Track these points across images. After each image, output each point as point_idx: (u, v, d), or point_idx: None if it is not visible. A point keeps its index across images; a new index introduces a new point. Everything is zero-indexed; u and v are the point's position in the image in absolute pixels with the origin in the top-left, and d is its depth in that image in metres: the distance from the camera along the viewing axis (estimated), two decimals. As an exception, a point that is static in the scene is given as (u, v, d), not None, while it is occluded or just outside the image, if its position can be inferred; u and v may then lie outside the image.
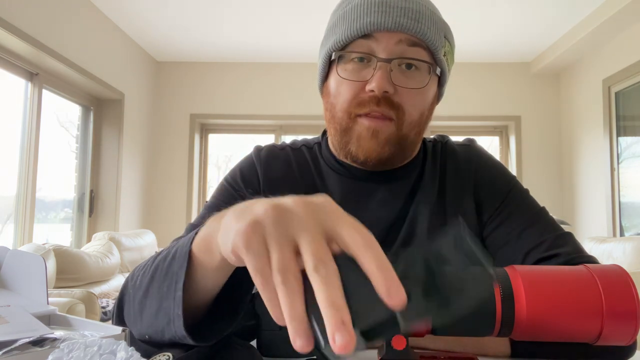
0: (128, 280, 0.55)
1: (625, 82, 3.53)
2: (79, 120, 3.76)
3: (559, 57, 4.03)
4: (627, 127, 3.64)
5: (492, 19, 3.61)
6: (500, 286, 0.42)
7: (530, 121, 4.51)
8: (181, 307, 0.42)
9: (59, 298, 1.72)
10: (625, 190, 3.59)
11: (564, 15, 3.52)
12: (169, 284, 0.44)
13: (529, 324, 0.41)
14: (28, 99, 3.00)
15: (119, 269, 3.19)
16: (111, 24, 3.71)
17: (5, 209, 2.95)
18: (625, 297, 0.41)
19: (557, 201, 4.43)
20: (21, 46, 2.72)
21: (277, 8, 3.46)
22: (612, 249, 2.97)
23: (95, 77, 3.45)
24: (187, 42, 4.15)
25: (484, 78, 4.53)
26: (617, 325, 0.41)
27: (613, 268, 0.43)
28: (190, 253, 0.42)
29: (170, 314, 0.43)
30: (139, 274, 0.52)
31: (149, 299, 0.48)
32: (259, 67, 4.56)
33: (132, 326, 0.52)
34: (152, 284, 0.47)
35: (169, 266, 0.45)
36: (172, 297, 0.43)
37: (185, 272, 0.42)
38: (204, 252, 0.41)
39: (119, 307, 0.56)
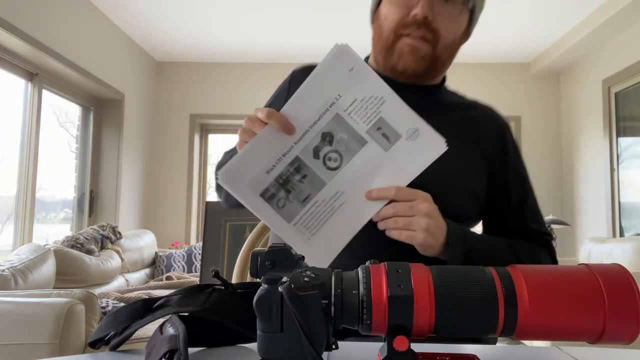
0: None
1: (625, 83, 3.53)
2: (79, 121, 3.76)
3: (559, 57, 4.03)
4: (627, 128, 3.64)
5: (492, 19, 3.61)
6: (503, 286, 0.42)
7: (530, 121, 4.51)
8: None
9: (58, 298, 1.72)
10: (625, 191, 3.59)
11: (564, 15, 3.52)
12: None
13: (531, 324, 0.41)
14: (28, 99, 3.00)
15: (120, 271, 3.19)
16: (111, 24, 3.71)
17: (5, 209, 2.95)
18: (627, 296, 0.41)
19: (557, 201, 4.43)
20: (21, 46, 2.72)
21: (277, 8, 3.46)
22: (612, 249, 2.97)
23: (95, 77, 3.45)
24: (187, 42, 4.15)
25: (484, 78, 4.53)
26: (619, 324, 0.40)
27: (615, 267, 0.43)
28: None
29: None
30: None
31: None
32: (259, 67, 4.56)
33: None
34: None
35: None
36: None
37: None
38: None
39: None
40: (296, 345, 0.40)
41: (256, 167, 0.65)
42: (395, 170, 0.66)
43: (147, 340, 0.52)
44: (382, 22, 0.81)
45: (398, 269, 0.43)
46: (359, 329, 0.43)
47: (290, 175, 0.66)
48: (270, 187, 0.65)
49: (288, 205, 0.65)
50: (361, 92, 0.66)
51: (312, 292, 0.41)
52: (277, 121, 0.65)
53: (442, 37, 0.79)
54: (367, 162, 0.66)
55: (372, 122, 0.66)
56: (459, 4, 0.79)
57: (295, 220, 0.65)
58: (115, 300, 2.50)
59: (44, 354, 1.60)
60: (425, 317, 0.41)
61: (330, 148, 0.66)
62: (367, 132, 0.66)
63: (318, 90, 0.67)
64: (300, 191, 0.65)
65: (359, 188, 0.66)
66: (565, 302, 0.41)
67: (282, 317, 0.41)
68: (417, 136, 0.65)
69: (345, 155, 0.66)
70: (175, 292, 0.56)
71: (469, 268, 0.44)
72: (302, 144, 0.66)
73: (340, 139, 0.66)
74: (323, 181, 0.66)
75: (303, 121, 0.66)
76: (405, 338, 0.41)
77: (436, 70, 0.83)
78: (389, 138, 0.65)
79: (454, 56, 0.85)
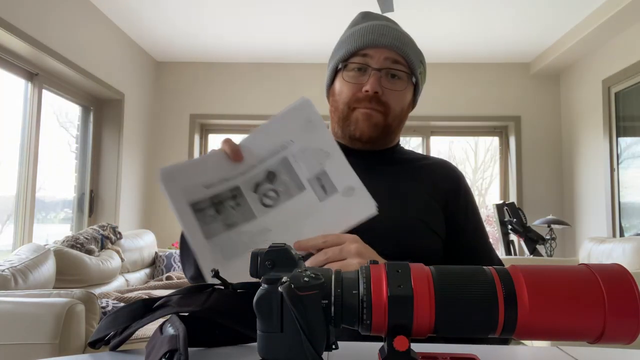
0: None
1: (625, 83, 3.53)
2: (79, 121, 3.76)
3: (559, 57, 4.04)
4: (627, 128, 3.64)
5: (492, 19, 3.61)
6: (503, 286, 0.42)
7: (530, 121, 4.51)
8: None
9: (58, 298, 1.72)
10: (625, 191, 3.59)
11: (564, 15, 3.52)
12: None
13: (531, 324, 0.41)
14: (28, 99, 3.00)
15: (120, 271, 3.19)
16: (111, 24, 3.71)
17: (5, 209, 2.95)
18: (627, 296, 0.41)
19: (557, 201, 4.43)
20: (21, 46, 2.72)
21: (277, 9, 3.46)
22: (612, 250, 2.97)
23: (95, 77, 3.45)
24: (187, 42, 4.15)
25: (484, 78, 4.53)
26: (619, 324, 0.40)
27: (615, 267, 0.43)
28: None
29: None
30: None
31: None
32: (259, 67, 4.56)
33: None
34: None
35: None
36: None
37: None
38: None
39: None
40: (296, 345, 0.40)
41: (197, 178, 0.67)
42: (324, 221, 0.67)
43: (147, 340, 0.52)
44: (337, 97, 0.91)
45: (398, 269, 0.43)
46: (359, 329, 0.43)
47: (226, 198, 0.67)
48: (203, 201, 0.66)
49: (213, 224, 0.65)
50: (312, 143, 0.70)
51: (312, 292, 0.41)
52: (229, 147, 0.70)
53: (392, 109, 0.89)
54: (301, 208, 0.68)
55: (315, 172, 0.69)
56: (404, 80, 0.90)
57: (214, 240, 0.65)
58: (115, 300, 2.50)
59: (44, 354, 1.60)
60: (425, 317, 0.41)
61: (270, 186, 0.69)
62: (308, 180, 0.69)
63: (276, 132, 0.71)
64: (230, 216, 0.66)
65: (287, 230, 0.66)
66: (565, 302, 0.41)
67: (282, 317, 0.41)
68: (351, 194, 0.67)
69: (282, 196, 0.68)
70: (175, 292, 0.56)
71: (469, 268, 0.44)
72: (247, 175, 0.69)
73: (282, 181, 0.69)
74: (254, 215, 0.67)
75: (255, 155, 0.70)
76: (405, 338, 0.41)
77: (388, 136, 0.92)
78: (326, 190, 0.68)
79: (403, 123, 0.95)
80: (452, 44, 4.06)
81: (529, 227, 3.81)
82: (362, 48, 0.88)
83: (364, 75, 0.88)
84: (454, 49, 4.17)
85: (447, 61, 4.45)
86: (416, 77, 0.92)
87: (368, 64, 0.88)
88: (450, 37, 3.92)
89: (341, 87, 0.91)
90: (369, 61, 0.88)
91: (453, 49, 4.16)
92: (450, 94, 4.51)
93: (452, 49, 4.16)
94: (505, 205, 3.96)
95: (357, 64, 0.89)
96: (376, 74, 0.87)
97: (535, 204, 4.41)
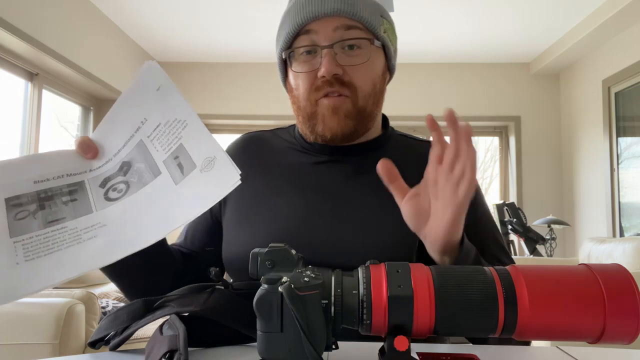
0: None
1: (625, 83, 3.53)
2: (79, 120, 3.76)
3: (559, 57, 4.04)
4: (627, 128, 3.64)
5: (492, 19, 3.61)
6: (503, 286, 0.42)
7: (530, 121, 4.51)
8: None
9: (58, 298, 1.72)
10: (625, 191, 3.59)
11: (563, 15, 3.52)
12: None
13: (531, 324, 0.41)
14: (28, 99, 3.00)
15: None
16: (111, 24, 3.71)
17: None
18: (627, 296, 0.41)
19: (557, 201, 4.43)
20: (21, 46, 2.72)
21: (277, 9, 3.46)
22: (612, 250, 2.97)
23: (95, 77, 3.45)
24: (187, 42, 4.15)
25: (484, 78, 4.53)
26: (619, 324, 0.40)
27: (615, 267, 0.43)
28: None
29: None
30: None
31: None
32: (259, 67, 4.56)
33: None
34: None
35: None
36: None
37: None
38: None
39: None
40: (296, 345, 0.40)
41: (28, 173, 0.59)
42: (176, 207, 0.56)
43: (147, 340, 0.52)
44: (295, 93, 0.76)
45: (398, 269, 0.43)
46: (359, 329, 0.43)
47: (59, 194, 0.59)
48: (25, 196, 0.58)
49: (27, 221, 0.56)
50: (165, 114, 0.60)
51: (312, 292, 0.41)
52: (79, 144, 0.63)
53: (360, 89, 0.72)
54: (152, 196, 0.58)
55: (172, 150, 0.59)
56: (365, 50, 0.72)
57: (22, 237, 0.55)
58: (115, 300, 2.50)
59: (44, 354, 1.60)
60: (425, 317, 0.41)
61: (121, 179, 0.60)
62: (164, 162, 0.59)
63: (126, 113, 0.62)
64: (56, 212, 0.57)
65: (123, 225, 0.57)
66: (565, 302, 0.41)
67: (282, 317, 0.41)
68: (212, 167, 0.56)
69: (132, 187, 0.59)
70: (175, 292, 0.56)
71: (469, 268, 0.44)
72: (98, 172, 0.61)
73: (136, 170, 0.60)
74: (90, 209, 0.58)
75: (109, 148, 0.62)
76: (405, 338, 0.41)
77: (366, 123, 0.75)
78: (184, 169, 0.57)
79: (381, 101, 0.78)
80: (452, 44, 4.05)
81: (529, 227, 3.81)
82: (303, 24, 0.72)
83: (315, 58, 0.72)
84: (454, 49, 4.17)
85: (447, 61, 4.44)
86: (381, 39, 0.74)
87: (315, 43, 0.72)
88: (450, 37, 3.92)
89: (295, 80, 0.75)
90: (316, 38, 0.72)
91: (453, 49, 4.16)
92: (450, 94, 4.51)
93: (452, 49, 4.16)
94: (505, 205, 3.96)
95: (303, 47, 0.73)
96: (329, 52, 0.70)
97: (535, 204, 4.41)
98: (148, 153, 0.60)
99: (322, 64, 0.70)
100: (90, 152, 0.63)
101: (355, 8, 0.71)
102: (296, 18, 0.72)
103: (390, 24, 0.78)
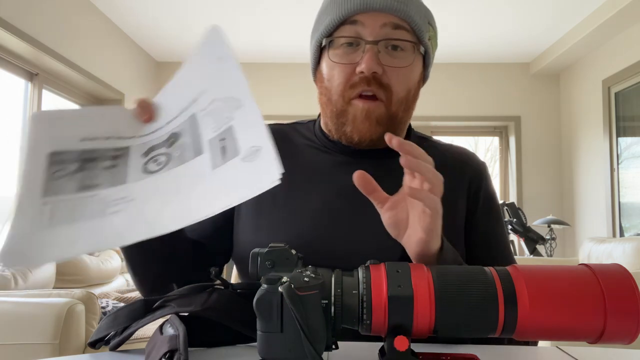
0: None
1: (625, 83, 3.53)
2: (78, 121, 3.76)
3: (559, 57, 4.04)
4: (627, 128, 3.65)
5: (492, 19, 3.61)
6: (503, 286, 0.42)
7: (530, 121, 4.51)
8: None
9: (58, 298, 1.72)
10: (625, 191, 3.59)
11: (563, 15, 3.52)
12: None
13: (531, 324, 0.41)
14: (28, 99, 3.00)
15: (120, 271, 3.19)
16: (111, 24, 3.71)
17: (5, 209, 2.95)
18: (627, 296, 0.41)
19: (557, 201, 4.43)
20: (21, 46, 2.72)
21: (276, 9, 3.46)
22: (612, 250, 2.97)
23: (95, 77, 3.45)
24: (187, 42, 4.15)
25: (484, 78, 4.53)
26: (619, 324, 0.40)
27: (615, 267, 0.43)
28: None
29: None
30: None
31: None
32: (259, 67, 4.56)
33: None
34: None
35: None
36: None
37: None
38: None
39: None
40: (296, 345, 0.40)
41: (77, 129, 0.55)
42: (206, 195, 0.51)
43: (147, 340, 0.52)
44: (327, 85, 0.72)
45: (398, 269, 0.43)
46: (359, 329, 0.43)
47: (102, 158, 0.55)
48: (69, 153, 0.54)
49: (64, 181, 0.52)
50: (222, 89, 0.55)
51: (312, 292, 0.41)
52: (139, 105, 0.58)
53: (395, 93, 0.69)
54: (184, 178, 0.53)
55: (220, 130, 0.54)
56: (409, 52, 0.70)
57: (52, 199, 0.51)
58: (115, 300, 2.50)
59: (44, 354, 1.60)
60: (425, 317, 0.41)
61: (165, 150, 0.56)
62: (210, 141, 0.54)
63: (188, 80, 0.58)
64: (93, 176, 0.53)
65: (149, 205, 0.52)
66: (565, 302, 0.41)
67: (282, 317, 0.41)
68: (254, 158, 0.51)
69: (172, 162, 0.55)
70: (175, 292, 0.56)
71: (469, 268, 0.44)
72: (146, 139, 0.57)
73: (181, 144, 0.56)
74: (124, 180, 0.54)
75: (164, 115, 0.58)
76: (405, 338, 0.41)
77: (395, 130, 0.72)
78: (226, 153, 0.52)
79: (412, 109, 0.74)
80: (452, 43, 4.05)
81: (529, 227, 3.81)
82: (350, 14, 0.68)
83: (356, 52, 0.69)
84: (454, 49, 4.17)
85: (447, 61, 4.44)
86: (425, 45, 0.72)
87: (360, 36, 0.69)
88: (450, 37, 3.92)
89: (330, 70, 0.72)
90: (361, 31, 0.69)
91: (453, 49, 4.16)
92: (450, 94, 4.51)
93: (452, 49, 4.16)
94: (505, 205, 3.96)
95: (346, 38, 0.70)
96: (372, 47, 0.67)
97: (535, 204, 4.41)
98: (197, 129, 0.56)
99: (364, 60, 0.67)
100: (146, 115, 0.59)
101: (407, 8, 0.69)
102: (345, 5, 0.69)
103: (435, 32, 0.76)
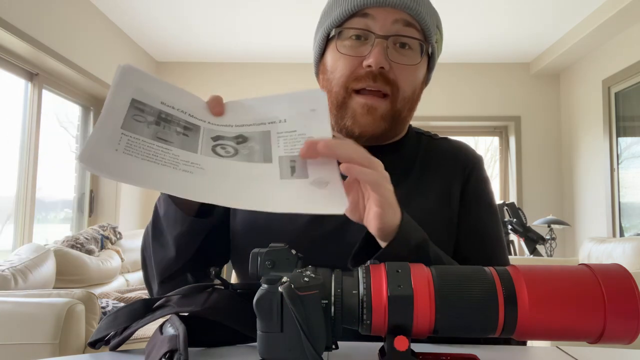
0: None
1: (625, 83, 3.53)
2: (78, 120, 3.76)
3: (559, 57, 4.04)
4: (627, 128, 3.65)
5: (492, 19, 3.61)
6: (503, 286, 0.42)
7: (530, 121, 4.51)
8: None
9: (58, 298, 1.72)
10: (625, 191, 3.59)
11: (563, 15, 3.52)
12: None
13: (531, 324, 0.41)
14: (28, 99, 3.00)
15: (120, 271, 3.19)
16: (111, 24, 3.71)
17: (5, 209, 2.95)
18: (627, 297, 0.41)
19: (557, 201, 4.43)
20: (21, 46, 2.72)
21: (276, 9, 3.46)
22: (612, 249, 2.97)
23: (95, 77, 3.45)
24: (187, 42, 4.15)
25: (484, 78, 4.53)
26: (619, 324, 0.40)
27: (615, 267, 0.43)
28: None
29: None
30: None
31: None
32: (259, 67, 4.56)
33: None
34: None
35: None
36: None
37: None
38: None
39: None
40: (296, 345, 0.41)
41: (161, 92, 0.58)
42: (268, 195, 0.54)
43: (147, 340, 0.52)
44: (330, 76, 0.71)
45: (398, 269, 0.43)
46: (359, 329, 0.43)
47: (176, 123, 0.57)
48: (149, 107, 0.57)
49: (141, 125, 0.55)
50: (306, 129, 0.59)
51: (312, 292, 0.41)
52: (213, 98, 0.60)
53: (401, 90, 0.69)
54: (252, 173, 0.56)
55: (292, 154, 0.57)
56: (416, 52, 0.70)
57: (130, 134, 0.54)
58: (115, 300, 2.50)
59: (44, 354, 1.60)
60: (425, 317, 0.41)
61: (233, 144, 0.58)
62: (280, 158, 0.57)
63: (273, 107, 0.61)
64: (167, 134, 0.56)
65: (219, 178, 0.55)
66: (565, 302, 0.41)
67: (282, 317, 0.41)
68: (322, 187, 0.54)
69: (240, 156, 0.58)
70: (175, 292, 0.56)
71: (469, 268, 0.44)
72: (216, 127, 0.59)
73: (250, 147, 0.58)
74: (196, 150, 0.56)
75: (236, 118, 0.61)
76: (405, 338, 0.41)
77: (397, 128, 0.73)
78: (295, 173, 0.56)
79: (414, 109, 0.74)
80: (452, 44, 4.05)
81: (529, 227, 3.81)
82: (362, 7, 0.68)
83: (364, 45, 0.68)
84: (454, 49, 4.17)
85: (447, 61, 4.44)
86: (432, 46, 0.73)
87: (370, 29, 0.68)
88: (450, 37, 3.92)
89: (335, 61, 0.70)
90: (372, 25, 0.68)
91: (453, 49, 4.16)
92: (450, 94, 4.51)
93: (452, 49, 4.16)
94: (505, 205, 3.96)
95: (355, 30, 0.69)
96: (381, 42, 0.67)
97: (535, 204, 4.41)
98: (269, 143, 0.59)
99: (372, 54, 0.66)
100: (217, 108, 0.59)
101: (420, 7, 0.69)
102: None
103: (441, 36, 0.76)
